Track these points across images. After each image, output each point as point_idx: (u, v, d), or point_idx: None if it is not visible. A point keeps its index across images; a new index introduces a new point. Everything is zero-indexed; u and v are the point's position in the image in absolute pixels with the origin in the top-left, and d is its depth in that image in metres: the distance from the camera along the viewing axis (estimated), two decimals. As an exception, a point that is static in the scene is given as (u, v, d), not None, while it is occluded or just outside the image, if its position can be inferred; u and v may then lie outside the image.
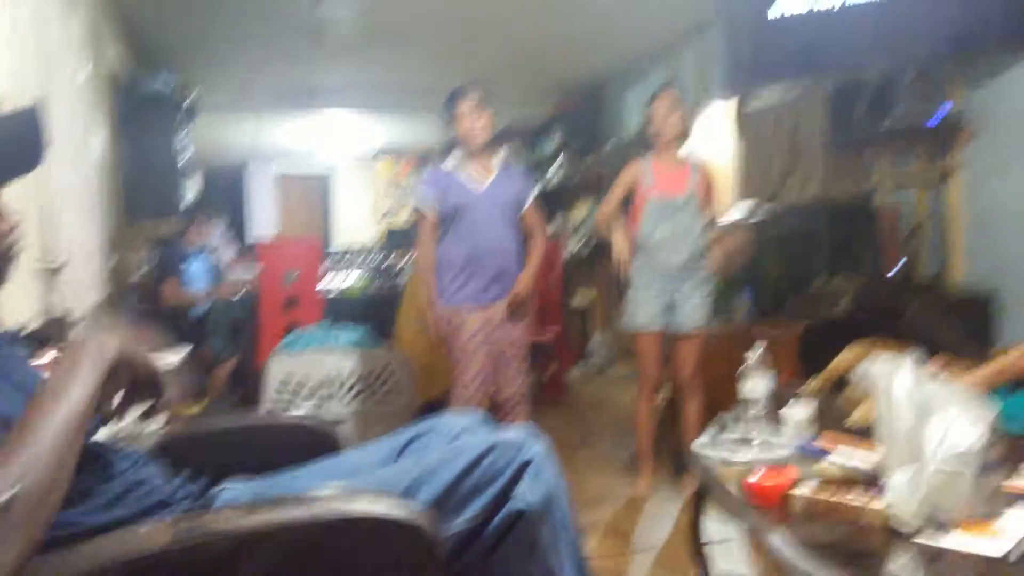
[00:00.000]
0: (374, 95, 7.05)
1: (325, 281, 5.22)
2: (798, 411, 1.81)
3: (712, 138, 4.94)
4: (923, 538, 1.25)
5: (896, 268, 3.64)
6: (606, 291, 6.80)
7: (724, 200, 4.48)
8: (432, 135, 3.20)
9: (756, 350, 1.94)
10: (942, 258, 3.52)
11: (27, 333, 2.28)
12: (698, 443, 1.84)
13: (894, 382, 1.36)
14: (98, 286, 3.58)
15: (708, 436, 1.87)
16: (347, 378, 3.89)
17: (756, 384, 1.85)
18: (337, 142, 9.08)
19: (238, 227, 9.11)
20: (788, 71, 3.80)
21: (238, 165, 10.11)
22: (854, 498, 1.36)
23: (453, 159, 3.17)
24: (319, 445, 1.59)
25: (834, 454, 1.55)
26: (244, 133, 8.48)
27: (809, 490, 1.43)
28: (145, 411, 1.12)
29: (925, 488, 1.25)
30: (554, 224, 7.16)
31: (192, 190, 5.98)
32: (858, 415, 2.02)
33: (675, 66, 5.70)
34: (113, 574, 0.96)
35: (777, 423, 1.85)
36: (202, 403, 3.85)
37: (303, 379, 3.85)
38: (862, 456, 1.56)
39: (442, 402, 3.31)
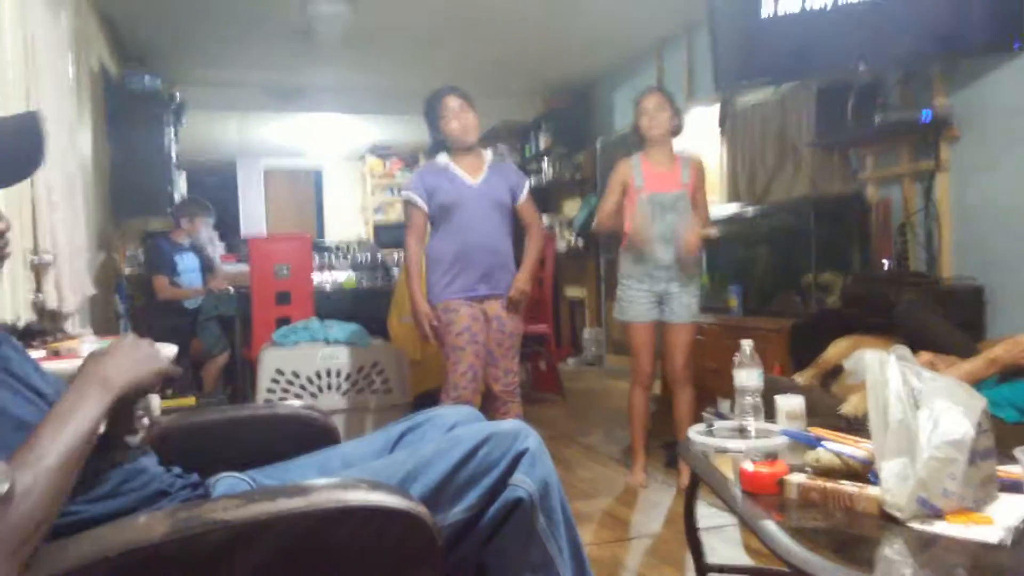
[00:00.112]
0: (362, 95, 7.03)
1: (316, 276, 5.20)
2: (791, 400, 1.83)
3: (700, 138, 4.95)
4: (917, 524, 1.26)
5: (885, 263, 3.66)
6: (598, 285, 6.82)
7: (712, 198, 4.50)
8: (421, 133, 3.19)
9: (748, 343, 1.95)
10: (931, 253, 3.54)
11: (21, 327, 2.27)
12: (692, 431, 1.85)
13: (886, 373, 1.37)
14: (88, 281, 3.56)
15: (702, 425, 1.88)
16: (339, 372, 3.89)
17: (749, 374, 1.86)
18: (327, 140, 9.05)
19: (228, 223, 9.07)
20: (776, 71, 3.80)
21: (227, 161, 10.06)
22: (848, 485, 1.38)
23: (444, 156, 3.17)
24: (315, 436, 1.59)
25: (827, 442, 1.55)
26: (233, 130, 8.44)
27: (803, 477, 1.44)
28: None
29: (919, 475, 1.26)
30: (545, 221, 7.17)
31: (181, 187, 5.96)
32: (851, 405, 2.04)
33: (664, 65, 5.71)
34: (112, 563, 0.96)
35: (770, 412, 1.87)
36: (193, 398, 3.83)
37: (296, 372, 3.84)
38: (855, 445, 1.57)
39: (434, 397, 3.32)
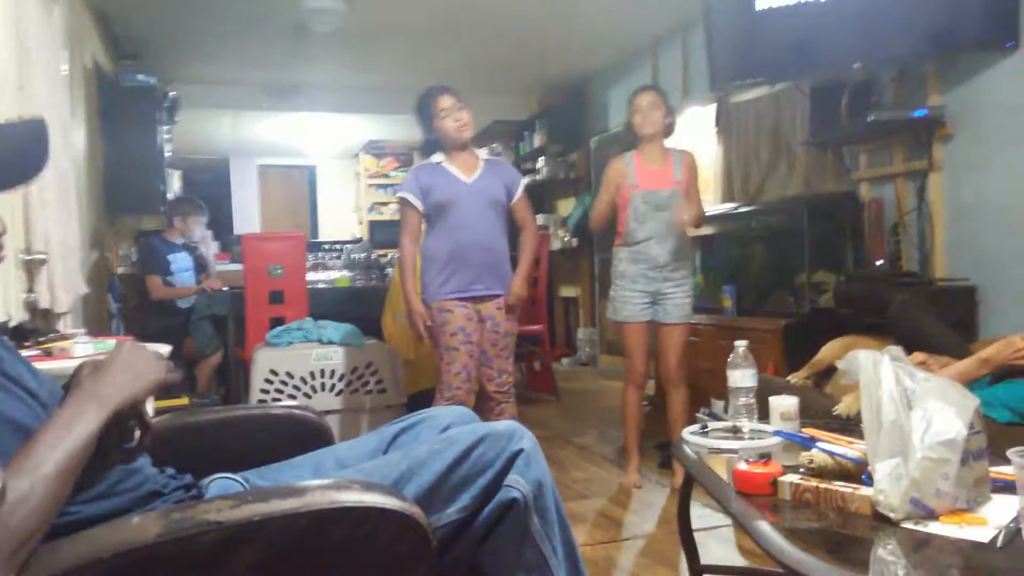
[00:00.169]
0: (357, 93, 7.02)
1: (310, 275, 5.19)
2: (785, 401, 1.83)
3: (695, 136, 4.95)
4: (910, 525, 1.26)
5: (878, 262, 3.67)
6: (592, 285, 6.82)
7: (706, 197, 4.50)
8: (415, 132, 3.20)
9: (741, 343, 1.96)
10: (924, 253, 3.56)
11: (13, 326, 2.26)
12: (687, 432, 1.85)
13: (879, 373, 1.37)
14: (81, 280, 3.54)
15: (696, 425, 1.88)
16: (333, 373, 3.88)
17: (743, 374, 1.87)
18: (321, 138, 9.03)
19: (222, 222, 9.05)
20: (771, 70, 3.81)
21: (221, 159, 10.03)
22: (842, 486, 1.38)
23: (439, 155, 3.17)
24: (309, 437, 1.59)
25: (821, 442, 1.56)
26: (227, 128, 8.42)
27: (797, 478, 1.44)
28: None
29: (912, 475, 1.26)
30: (539, 219, 7.17)
31: (174, 185, 5.94)
32: (844, 405, 2.05)
33: (659, 64, 5.72)
34: (106, 564, 0.96)
35: (764, 413, 1.87)
36: (186, 398, 3.82)
37: (289, 373, 3.83)
38: (848, 445, 1.57)
39: (428, 397, 3.31)
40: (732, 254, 4.64)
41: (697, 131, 5.00)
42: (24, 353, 1.64)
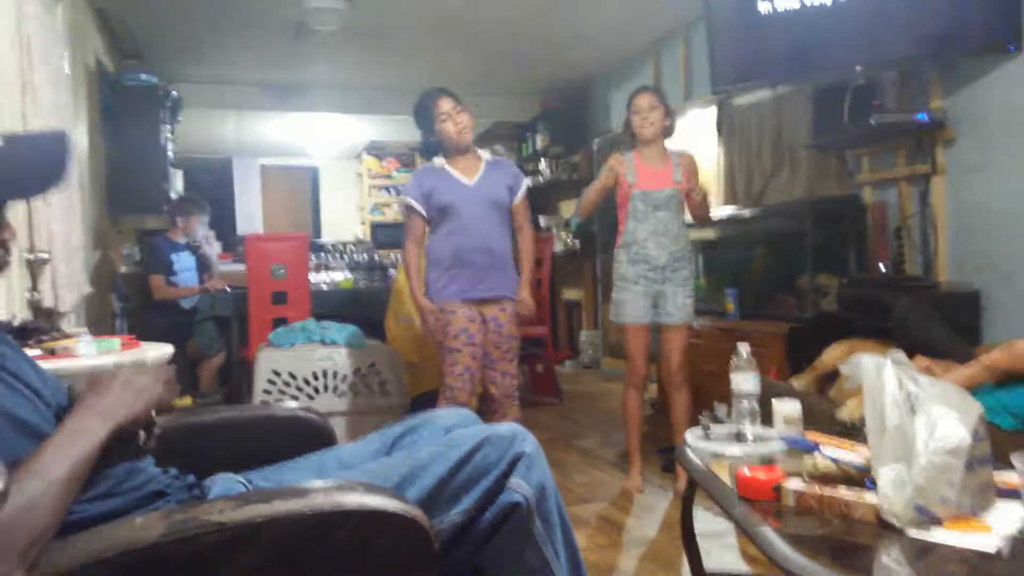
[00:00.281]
0: (359, 94, 7.02)
1: (313, 276, 5.19)
2: (788, 405, 1.82)
3: (696, 139, 4.95)
4: (914, 532, 1.25)
5: (881, 266, 3.66)
6: (595, 287, 6.82)
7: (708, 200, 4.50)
8: (418, 133, 3.21)
9: (744, 346, 1.95)
10: (927, 257, 3.55)
11: (17, 325, 2.26)
12: (689, 436, 1.84)
13: (882, 378, 1.37)
14: (84, 280, 3.54)
15: (699, 429, 1.88)
16: (336, 374, 3.88)
17: (746, 378, 1.86)
18: (323, 138, 9.03)
19: (225, 222, 9.05)
20: (773, 72, 3.80)
21: (224, 159, 10.04)
22: (846, 491, 1.37)
23: (441, 158, 3.17)
24: (312, 438, 1.59)
25: (824, 447, 1.55)
26: (229, 128, 8.42)
27: (800, 483, 1.43)
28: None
29: (916, 481, 1.26)
30: (541, 221, 7.16)
31: (177, 185, 5.94)
32: (847, 410, 2.04)
33: (661, 65, 5.72)
34: (109, 564, 0.96)
35: (767, 417, 1.86)
36: (190, 398, 3.82)
37: (292, 374, 3.83)
38: (852, 451, 1.57)
39: (431, 399, 3.31)
40: (734, 257, 4.63)
41: (699, 133, 5.00)
42: (28, 352, 1.63)
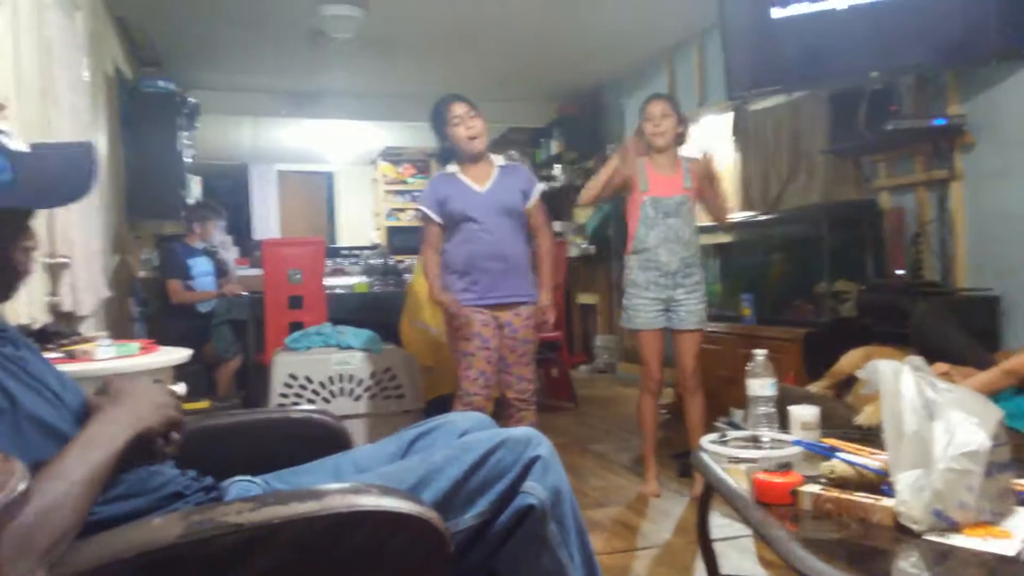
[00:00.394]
0: (375, 100, 7.06)
1: (328, 281, 5.22)
2: (805, 411, 1.81)
3: (712, 145, 4.93)
4: (933, 537, 1.24)
5: (899, 272, 3.64)
6: (610, 291, 6.81)
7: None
8: (433, 139, 3.23)
9: (761, 352, 1.94)
10: (945, 262, 3.52)
11: (37, 328, 2.28)
12: (705, 441, 1.84)
13: (900, 383, 1.36)
14: (103, 284, 3.58)
15: (715, 434, 1.87)
16: (352, 378, 3.90)
17: (763, 383, 1.85)
18: (339, 144, 9.08)
19: (241, 227, 9.11)
20: (788, 78, 3.79)
21: (240, 165, 10.11)
22: (863, 496, 1.36)
23: (454, 165, 3.18)
24: (328, 441, 1.59)
25: (842, 452, 1.54)
26: (246, 134, 8.49)
27: (817, 488, 1.42)
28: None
29: (934, 487, 1.25)
30: (556, 226, 7.16)
31: (194, 190, 5.99)
32: (865, 415, 2.03)
33: (675, 71, 5.71)
34: (127, 564, 0.97)
35: (784, 422, 1.86)
36: (207, 402, 3.85)
37: (308, 377, 3.85)
38: (869, 456, 1.55)
39: (446, 403, 3.31)
40: (751, 262, 4.62)
41: (715, 139, 4.98)
42: (47, 355, 1.65)
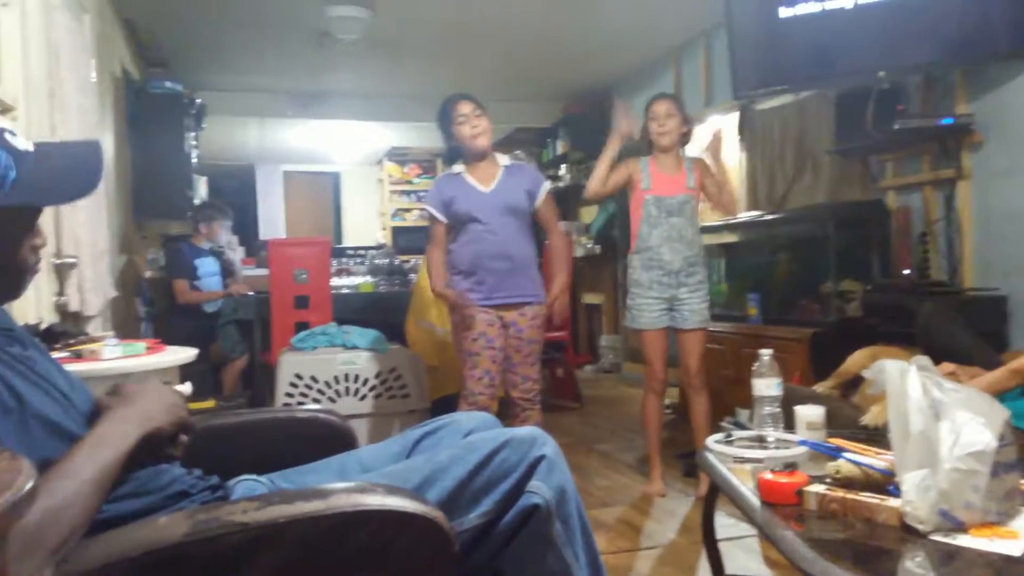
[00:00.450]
0: (381, 101, 7.07)
1: (334, 281, 5.23)
2: (811, 410, 1.81)
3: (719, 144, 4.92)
4: (938, 537, 1.24)
5: (906, 272, 3.63)
6: (615, 291, 6.80)
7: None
8: (438, 139, 3.24)
9: (767, 352, 1.94)
10: (952, 262, 3.51)
11: (44, 328, 2.29)
12: (711, 441, 1.84)
13: (906, 383, 1.36)
14: (110, 284, 3.59)
15: (721, 434, 1.87)
16: (358, 377, 3.90)
17: (768, 383, 1.85)
18: (345, 145, 9.10)
19: (248, 227, 9.13)
20: (795, 78, 3.78)
21: (247, 165, 10.13)
22: (869, 496, 1.36)
23: (459, 165, 3.18)
24: (333, 441, 1.60)
25: (848, 452, 1.54)
26: (252, 135, 8.51)
27: (823, 488, 1.42)
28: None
29: (940, 487, 1.24)
30: (562, 226, 7.15)
31: (201, 190, 6.01)
32: (871, 415, 2.02)
33: (682, 71, 5.70)
34: (133, 563, 0.97)
35: (790, 422, 1.85)
36: (213, 401, 3.85)
37: (314, 377, 3.86)
38: (875, 456, 1.55)
39: (451, 402, 3.32)
40: (757, 262, 4.60)
41: (721, 140, 4.96)
42: (54, 355, 1.66)
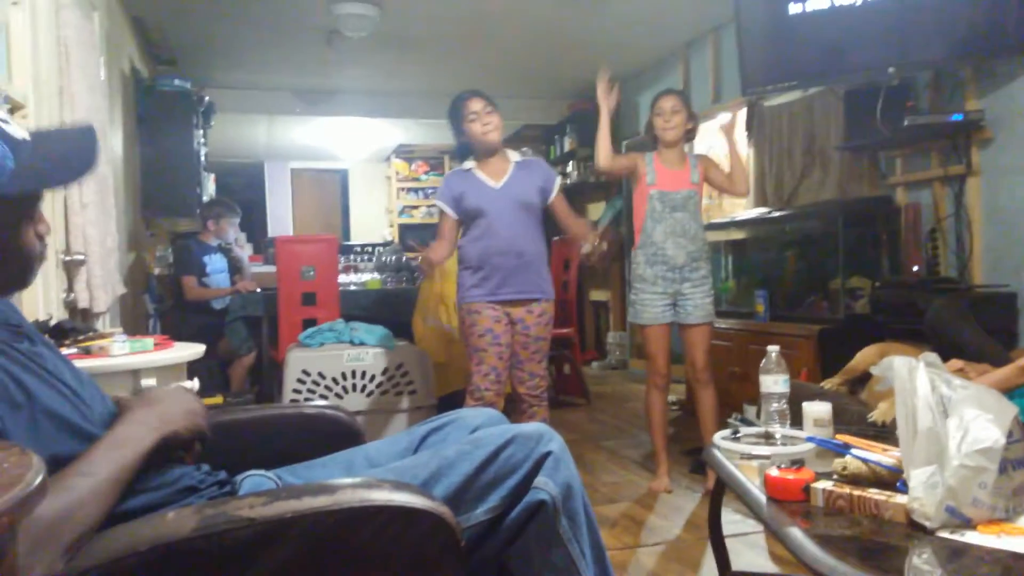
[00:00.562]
0: (388, 98, 7.07)
1: (341, 278, 5.24)
2: (818, 407, 1.81)
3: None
4: (946, 534, 1.24)
5: (915, 268, 3.61)
6: (622, 288, 6.80)
7: (739, 201, 4.46)
8: (446, 136, 3.24)
9: (774, 348, 1.94)
10: (962, 258, 3.49)
11: (53, 325, 2.31)
12: (718, 437, 1.83)
13: (914, 380, 1.35)
14: (119, 281, 3.60)
15: (728, 430, 1.87)
16: (365, 374, 3.91)
17: (776, 380, 1.85)
18: (353, 142, 9.10)
19: (256, 224, 9.16)
20: (804, 74, 3.76)
21: (255, 163, 10.16)
22: (876, 492, 1.36)
23: (470, 161, 3.19)
24: (341, 436, 1.60)
25: (855, 449, 1.54)
26: (261, 132, 8.52)
27: (830, 484, 1.42)
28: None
29: (948, 483, 1.24)
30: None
31: (209, 188, 6.02)
32: (879, 412, 2.02)
33: (690, 68, 5.69)
34: (141, 558, 0.98)
35: (797, 419, 1.85)
36: (221, 397, 3.87)
37: (321, 373, 3.87)
38: (883, 453, 1.55)
39: (458, 399, 3.32)
40: (765, 258, 4.59)
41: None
42: (63, 351, 1.67)
